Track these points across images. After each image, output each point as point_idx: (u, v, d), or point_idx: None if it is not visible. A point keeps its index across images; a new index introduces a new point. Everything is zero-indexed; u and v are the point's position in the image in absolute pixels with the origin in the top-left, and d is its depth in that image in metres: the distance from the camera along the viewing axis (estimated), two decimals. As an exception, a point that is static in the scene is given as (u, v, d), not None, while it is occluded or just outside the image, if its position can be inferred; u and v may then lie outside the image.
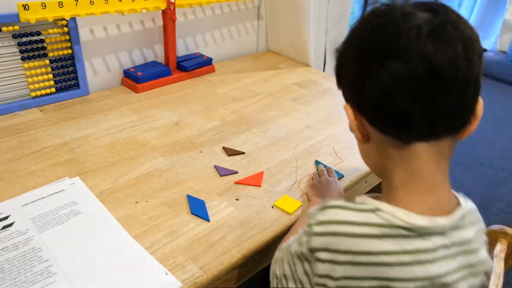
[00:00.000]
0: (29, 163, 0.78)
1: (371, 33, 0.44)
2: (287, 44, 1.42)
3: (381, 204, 0.43)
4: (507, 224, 0.63)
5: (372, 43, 0.43)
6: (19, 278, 0.54)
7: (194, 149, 0.86)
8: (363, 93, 0.44)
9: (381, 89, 0.42)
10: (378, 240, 0.42)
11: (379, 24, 0.43)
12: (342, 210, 0.44)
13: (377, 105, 0.43)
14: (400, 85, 0.41)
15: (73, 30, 0.98)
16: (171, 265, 0.58)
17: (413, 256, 0.42)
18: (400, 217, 0.42)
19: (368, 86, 0.43)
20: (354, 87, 0.46)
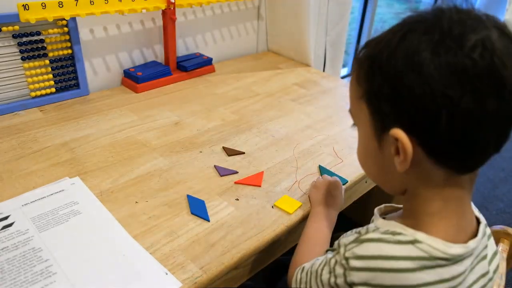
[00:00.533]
0: (29, 163, 0.78)
1: (471, 61, 0.37)
2: (287, 44, 1.42)
3: (418, 235, 0.43)
4: (507, 224, 0.63)
5: (474, 70, 0.37)
6: (19, 278, 0.54)
7: (194, 149, 0.86)
8: (438, 123, 0.38)
9: (467, 123, 0.38)
10: (418, 272, 0.42)
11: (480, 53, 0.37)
12: (381, 243, 0.43)
13: (453, 139, 0.39)
14: (492, 122, 0.38)
15: (73, 30, 0.98)
16: (171, 265, 0.58)
17: (449, 283, 0.43)
18: (440, 248, 0.42)
19: (449, 118, 0.38)
20: (425, 114, 0.39)
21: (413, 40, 0.39)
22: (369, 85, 0.43)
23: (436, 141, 0.40)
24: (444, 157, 0.41)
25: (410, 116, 0.40)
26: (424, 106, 0.38)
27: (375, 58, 0.42)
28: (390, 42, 0.41)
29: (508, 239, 0.61)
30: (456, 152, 0.40)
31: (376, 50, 0.42)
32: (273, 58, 1.44)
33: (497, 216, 1.62)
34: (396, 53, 0.40)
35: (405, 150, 0.41)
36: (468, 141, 0.39)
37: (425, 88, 0.38)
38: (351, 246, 0.44)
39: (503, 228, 0.62)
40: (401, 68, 0.39)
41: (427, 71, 0.38)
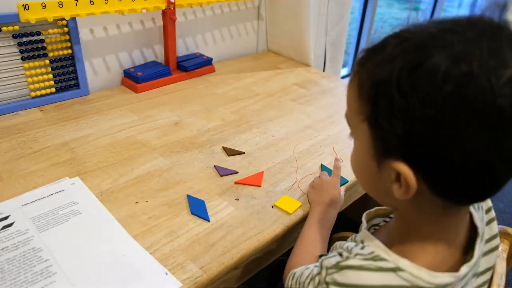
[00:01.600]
0: (29, 163, 0.78)
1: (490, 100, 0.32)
2: (287, 44, 1.42)
3: (401, 262, 0.40)
4: (507, 224, 0.63)
5: (498, 119, 0.33)
6: (19, 278, 0.54)
7: (194, 149, 0.86)
8: (450, 166, 0.35)
9: (480, 170, 0.35)
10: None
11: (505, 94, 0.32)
12: (361, 271, 0.41)
13: (463, 181, 0.36)
14: (506, 167, 0.36)
15: (73, 30, 0.98)
16: (171, 265, 0.58)
17: None
18: (423, 278, 0.40)
19: (463, 163, 0.35)
20: (437, 158, 0.36)
21: (433, 70, 0.34)
22: (373, 110, 0.39)
23: (443, 182, 0.37)
24: (448, 193, 0.39)
25: (420, 156, 0.36)
26: (437, 151, 0.35)
27: (381, 86, 0.37)
28: (399, 69, 0.36)
29: (508, 239, 0.61)
30: (463, 192, 0.38)
31: (381, 74, 0.37)
32: (273, 58, 1.44)
33: (497, 216, 1.62)
34: (410, 87, 0.35)
35: (408, 185, 0.38)
36: (478, 184, 0.37)
37: (444, 134, 0.34)
38: (331, 271, 0.43)
39: (503, 228, 0.62)
40: (418, 109, 0.35)
41: (449, 117, 0.34)
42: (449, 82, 0.33)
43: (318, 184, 0.73)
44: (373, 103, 0.38)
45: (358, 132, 0.43)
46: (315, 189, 0.73)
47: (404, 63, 0.36)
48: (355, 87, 0.41)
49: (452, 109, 0.33)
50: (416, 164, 0.37)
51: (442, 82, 0.33)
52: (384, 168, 0.40)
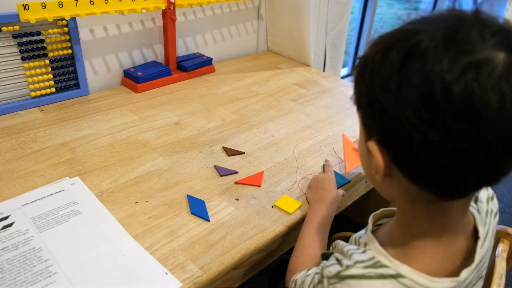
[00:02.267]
0: (29, 163, 0.78)
1: (462, 84, 0.33)
2: (287, 44, 1.42)
3: (402, 268, 0.41)
4: (507, 224, 0.63)
5: (448, 103, 0.33)
6: (19, 278, 0.54)
7: (194, 149, 0.86)
8: (411, 149, 0.36)
9: (438, 156, 0.35)
10: None
11: (474, 76, 0.32)
12: (362, 280, 0.42)
13: (425, 167, 0.37)
14: (466, 159, 0.35)
15: (73, 30, 0.98)
16: (171, 265, 0.58)
17: None
18: (424, 284, 0.40)
19: (420, 147, 0.35)
20: (397, 136, 0.37)
21: (392, 56, 0.37)
22: (355, 91, 0.42)
23: (408, 164, 0.38)
24: (419, 181, 0.39)
25: (384, 133, 0.38)
26: (395, 129, 0.37)
27: (362, 67, 0.40)
28: (373, 54, 0.39)
29: (508, 239, 0.61)
30: (430, 180, 0.38)
31: (370, 52, 0.40)
32: (273, 58, 1.44)
33: (497, 216, 1.62)
34: (375, 67, 0.38)
35: (377, 163, 0.40)
36: (440, 173, 0.36)
37: (394, 107, 0.36)
38: (333, 281, 0.44)
39: (503, 228, 0.62)
40: (379, 85, 0.37)
41: (398, 90, 0.36)
42: (395, 65, 0.36)
43: (314, 182, 0.75)
44: (356, 84, 0.42)
45: (359, 116, 0.45)
46: (312, 187, 0.74)
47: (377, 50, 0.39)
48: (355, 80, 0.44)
49: (400, 84, 0.35)
50: (382, 142, 0.39)
51: (393, 65, 0.36)
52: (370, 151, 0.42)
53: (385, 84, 0.37)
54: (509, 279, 1.34)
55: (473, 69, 0.33)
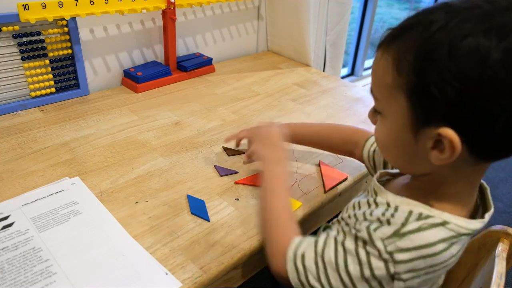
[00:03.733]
0: (29, 163, 0.78)
1: None
2: (287, 44, 1.42)
3: (444, 215, 0.45)
4: (507, 224, 0.63)
5: None
6: (19, 278, 0.54)
7: (194, 149, 0.86)
8: (494, 125, 0.39)
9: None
10: (450, 249, 0.45)
11: None
12: (421, 232, 0.45)
13: (503, 138, 0.40)
14: None
15: (73, 30, 0.98)
16: (171, 265, 0.58)
17: (462, 248, 0.48)
18: (465, 226, 0.46)
19: (508, 120, 0.38)
20: (484, 118, 0.39)
21: (481, 42, 0.37)
22: (419, 81, 0.41)
23: (485, 140, 0.40)
24: (485, 152, 0.42)
25: (468, 119, 0.39)
26: (487, 111, 0.38)
27: (431, 54, 0.39)
28: (450, 38, 0.38)
29: (508, 239, 0.61)
30: (498, 148, 0.42)
31: (430, 43, 0.39)
32: (273, 58, 1.44)
33: (497, 216, 1.62)
34: (462, 54, 0.38)
35: (454, 150, 0.41)
36: (510, 142, 0.41)
37: (495, 95, 0.37)
38: (392, 240, 0.45)
39: (503, 228, 0.62)
40: (472, 72, 0.37)
41: (500, 78, 0.37)
42: (497, 49, 0.37)
43: (258, 136, 0.71)
44: (419, 72, 0.40)
45: (391, 105, 0.45)
46: (260, 143, 0.69)
47: (455, 33, 0.38)
48: (390, 60, 0.43)
49: (504, 71, 0.37)
50: (460, 126, 0.40)
51: (490, 50, 0.37)
52: (421, 137, 0.43)
53: (481, 68, 0.37)
54: (509, 279, 1.34)
55: None
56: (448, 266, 0.48)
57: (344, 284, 0.48)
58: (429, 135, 0.42)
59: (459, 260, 0.51)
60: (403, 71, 0.42)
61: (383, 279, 0.46)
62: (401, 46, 0.42)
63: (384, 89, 0.45)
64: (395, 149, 0.48)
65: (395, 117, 0.45)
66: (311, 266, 0.50)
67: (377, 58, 0.46)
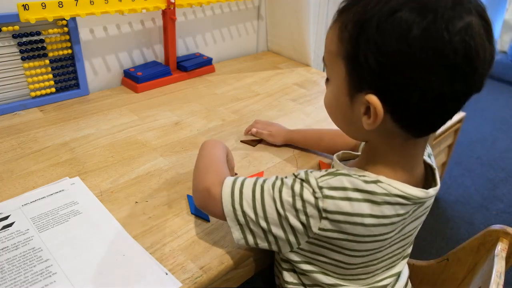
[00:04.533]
0: (29, 163, 0.78)
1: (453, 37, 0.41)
2: (287, 44, 1.42)
3: (380, 177, 0.49)
4: (507, 224, 0.63)
5: (453, 59, 0.41)
6: (19, 278, 0.54)
7: (194, 149, 0.86)
8: (411, 97, 0.43)
9: (435, 101, 0.43)
10: (379, 206, 0.48)
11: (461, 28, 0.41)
12: (351, 178, 0.49)
13: (420, 112, 0.44)
14: (456, 100, 0.45)
15: (73, 30, 0.98)
16: (171, 265, 0.58)
17: (401, 218, 0.50)
18: (399, 188, 0.49)
19: (422, 95, 0.43)
20: (402, 89, 0.43)
21: (406, 17, 0.41)
22: (352, 49, 0.45)
23: (404, 111, 0.45)
24: (407, 124, 0.46)
25: (388, 88, 0.44)
26: (403, 83, 0.43)
27: (364, 26, 0.43)
28: (381, 13, 0.42)
29: (507, 239, 0.61)
30: (419, 122, 0.46)
31: (365, 16, 0.43)
32: (273, 58, 1.44)
33: (497, 216, 1.62)
34: (387, 28, 0.42)
35: (377, 115, 0.45)
36: (432, 114, 0.45)
37: (410, 68, 0.42)
38: (324, 178, 0.49)
39: (503, 228, 0.62)
40: (392, 46, 0.42)
41: (415, 54, 0.41)
42: (418, 27, 0.41)
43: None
44: (353, 41, 0.45)
45: (334, 71, 0.49)
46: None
47: (382, 6, 0.42)
48: (336, 30, 0.47)
49: (419, 48, 0.41)
50: (383, 95, 0.44)
51: (412, 26, 0.41)
52: (356, 102, 0.48)
53: (400, 43, 0.41)
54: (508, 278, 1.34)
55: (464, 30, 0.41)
56: (375, 232, 0.49)
57: (277, 211, 0.51)
58: (361, 101, 0.47)
59: (458, 259, 0.52)
60: (343, 40, 0.46)
61: (311, 217, 0.49)
62: (345, 18, 0.46)
63: (330, 56, 0.49)
64: (337, 113, 0.53)
65: (337, 82, 0.49)
66: (248, 192, 0.53)
67: (330, 28, 0.50)
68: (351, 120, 0.50)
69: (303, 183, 0.50)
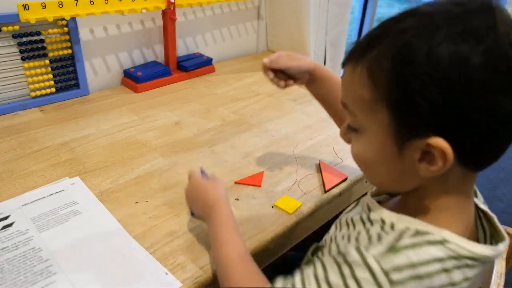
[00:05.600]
0: (29, 163, 0.78)
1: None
2: (287, 44, 1.42)
3: (444, 233, 0.41)
4: (507, 224, 0.63)
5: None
6: (19, 278, 0.54)
7: (194, 149, 0.86)
8: (477, 133, 0.38)
9: (506, 126, 0.38)
10: (449, 274, 0.40)
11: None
12: (417, 248, 0.40)
13: (488, 142, 0.39)
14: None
15: (73, 30, 0.98)
16: (171, 265, 0.58)
17: (469, 282, 0.41)
18: (468, 248, 0.40)
19: (492, 121, 0.37)
20: (471, 123, 0.37)
21: (452, 41, 0.36)
22: (398, 89, 0.38)
23: (473, 147, 0.39)
24: (473, 160, 0.40)
25: (454, 125, 0.37)
26: (471, 114, 0.37)
27: (408, 59, 0.38)
28: (425, 40, 0.37)
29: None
30: (485, 154, 0.40)
31: (406, 49, 0.38)
32: (273, 58, 1.43)
33: (497, 216, 1.62)
34: (437, 57, 0.36)
35: (446, 160, 0.38)
36: (501, 143, 0.39)
37: (477, 96, 0.36)
38: (387, 257, 0.40)
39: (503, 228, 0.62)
40: (449, 76, 0.36)
41: (478, 78, 0.36)
42: (476, 50, 0.36)
43: (186, 196, 0.64)
44: (398, 82, 0.38)
45: (371, 120, 0.42)
46: (190, 201, 0.64)
47: (423, 32, 0.37)
48: (364, 73, 0.41)
49: (485, 74, 0.36)
50: (449, 134, 0.38)
51: (473, 51, 0.36)
52: (407, 150, 0.41)
53: (458, 74, 0.36)
54: (508, 279, 1.34)
55: None
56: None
57: None
58: (416, 147, 0.40)
59: None
60: (380, 83, 0.40)
61: None
62: (374, 57, 0.40)
63: (362, 104, 0.42)
64: (380, 167, 0.45)
65: (376, 132, 0.42)
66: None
67: (347, 73, 0.43)
68: (401, 172, 0.43)
69: (357, 274, 0.40)
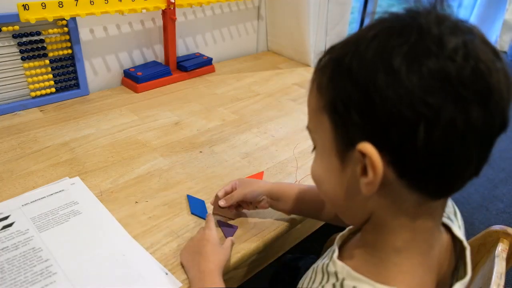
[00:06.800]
0: (29, 163, 0.78)
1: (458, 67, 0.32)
2: (287, 44, 1.42)
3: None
4: (507, 224, 0.63)
5: (458, 75, 0.32)
6: (19, 278, 0.54)
7: (194, 149, 0.86)
8: (415, 135, 0.32)
9: (448, 136, 0.32)
10: None
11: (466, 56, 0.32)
12: None
13: (431, 155, 0.33)
14: (475, 135, 0.33)
15: (73, 30, 0.98)
16: (171, 265, 0.58)
17: None
18: None
19: (428, 129, 0.32)
20: (401, 125, 0.32)
21: (387, 40, 0.33)
22: (333, 92, 0.36)
23: (411, 158, 0.33)
24: (418, 179, 0.35)
25: (382, 127, 0.33)
26: (399, 115, 0.32)
27: (340, 60, 0.36)
28: (359, 42, 0.35)
29: (508, 239, 0.61)
30: (433, 172, 0.34)
31: (342, 52, 0.36)
32: (273, 58, 1.44)
33: (497, 216, 1.62)
34: (367, 54, 0.34)
35: (375, 168, 0.34)
36: (448, 158, 0.33)
37: (402, 93, 0.32)
38: None
39: (503, 228, 0.62)
40: (374, 70, 0.33)
41: (404, 74, 0.32)
42: (402, 49, 0.33)
43: (190, 241, 0.61)
44: (334, 83, 0.36)
45: (319, 132, 0.41)
46: (186, 249, 0.60)
47: (361, 37, 0.36)
48: (316, 82, 0.40)
49: (411, 69, 0.32)
50: (379, 140, 0.34)
51: (395, 46, 0.33)
52: (348, 164, 0.37)
53: (383, 67, 0.33)
54: (508, 279, 1.34)
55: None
56: None
57: None
58: (353, 158, 0.36)
59: None
60: (323, 89, 0.38)
61: None
62: (321, 67, 0.39)
63: (313, 116, 0.41)
64: (326, 185, 0.41)
65: (323, 144, 0.40)
66: None
67: (309, 91, 0.42)
68: (345, 190, 0.39)
69: None
